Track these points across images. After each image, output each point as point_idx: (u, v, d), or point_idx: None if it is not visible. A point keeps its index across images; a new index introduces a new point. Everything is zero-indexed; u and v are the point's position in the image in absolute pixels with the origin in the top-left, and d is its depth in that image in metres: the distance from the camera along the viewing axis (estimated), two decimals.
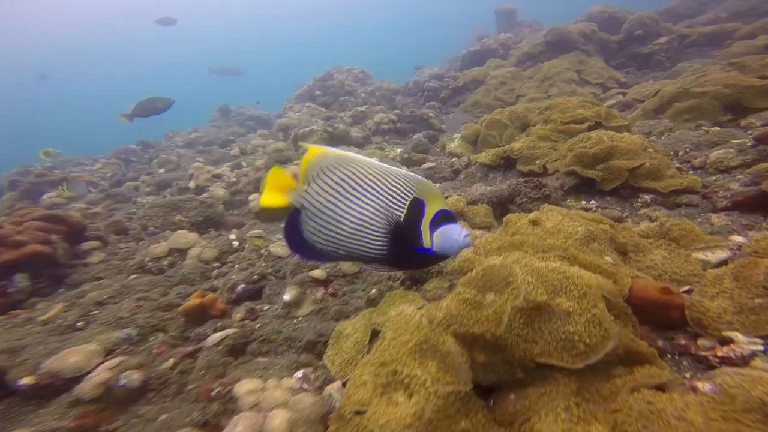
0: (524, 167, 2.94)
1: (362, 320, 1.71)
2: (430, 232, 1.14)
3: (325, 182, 1.16)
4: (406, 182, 1.14)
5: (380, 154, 5.02)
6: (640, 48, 6.93)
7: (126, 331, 2.26)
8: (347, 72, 11.01)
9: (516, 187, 2.46)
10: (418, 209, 1.13)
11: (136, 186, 6.62)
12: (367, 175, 1.14)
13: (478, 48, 10.53)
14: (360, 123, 7.64)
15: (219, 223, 4.00)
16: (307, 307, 2.36)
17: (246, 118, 11.76)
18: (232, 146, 8.74)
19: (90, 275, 3.08)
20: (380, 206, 1.12)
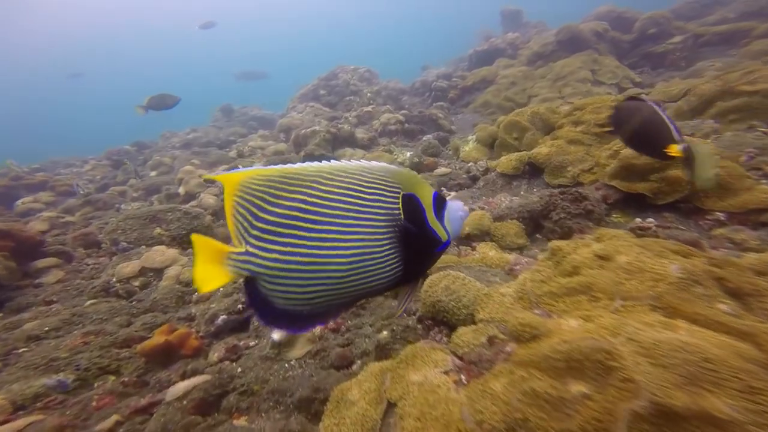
0: (554, 178, 2.50)
1: (372, 382, 1.27)
2: (440, 223, 0.99)
3: (271, 225, 0.86)
4: (384, 180, 0.93)
5: (388, 158, 4.59)
6: (654, 47, 6.55)
7: (58, 377, 1.79)
8: (353, 71, 10.68)
9: (550, 200, 2.03)
10: (414, 205, 0.95)
11: (123, 191, 6.19)
12: (332, 188, 0.88)
13: (486, 47, 10.20)
14: (366, 123, 7.26)
15: (207, 235, 3.55)
16: (302, 348, 1.91)
17: (249, 118, 11.39)
18: (231, 147, 8.32)
19: (39, 298, 2.63)
20: (376, 218, 0.90)
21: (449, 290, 1.47)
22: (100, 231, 3.62)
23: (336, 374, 1.62)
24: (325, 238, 0.87)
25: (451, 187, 3.52)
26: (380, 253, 0.90)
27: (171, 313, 2.45)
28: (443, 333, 1.46)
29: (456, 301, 1.39)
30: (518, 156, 2.82)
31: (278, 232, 0.86)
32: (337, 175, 0.90)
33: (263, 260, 0.87)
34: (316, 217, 0.87)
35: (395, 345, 1.52)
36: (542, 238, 2.03)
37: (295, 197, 0.87)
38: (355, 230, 0.88)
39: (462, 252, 2.03)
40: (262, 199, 0.87)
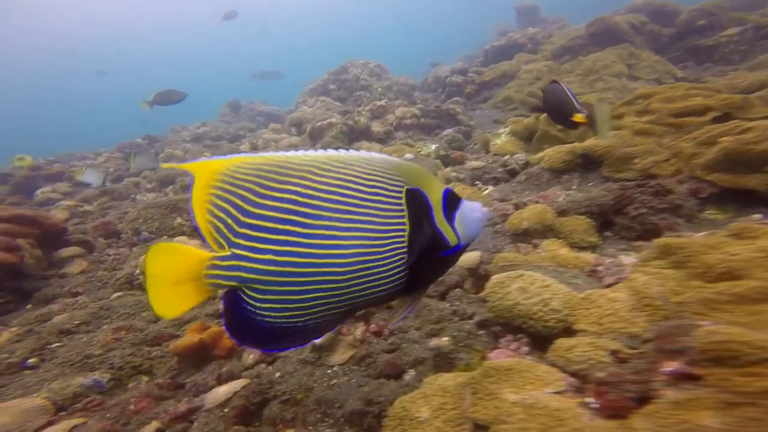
0: (616, 171, 2.29)
1: (445, 397, 1.10)
2: (450, 225, 0.87)
3: (264, 221, 0.75)
4: (386, 172, 0.82)
5: (409, 151, 4.40)
6: (702, 40, 6.20)
7: (94, 376, 1.66)
8: (362, 66, 10.66)
9: (624, 194, 1.83)
10: (420, 203, 0.84)
11: (137, 182, 6.10)
12: (328, 179, 0.78)
13: (504, 42, 9.96)
14: (380, 118, 7.07)
15: None
16: (344, 353, 1.74)
17: (256, 114, 11.47)
18: (241, 141, 8.37)
19: (65, 290, 2.50)
20: (377, 214, 0.79)
21: (527, 292, 1.28)
22: (119, 221, 3.49)
23: (390, 385, 1.44)
24: (322, 235, 0.75)
25: (486, 181, 3.33)
26: (382, 255, 0.79)
27: (197, 309, 2.30)
28: (522, 342, 1.27)
29: (542, 305, 1.21)
30: (569, 148, 2.61)
31: (272, 228, 0.74)
32: (333, 166, 0.79)
33: (255, 263, 0.74)
34: (312, 211, 0.76)
35: (459, 354, 1.34)
36: (613, 237, 1.83)
37: (287, 188, 0.75)
38: (354, 227, 0.77)
39: (521, 250, 1.85)
40: (250, 191, 0.74)
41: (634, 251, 1.62)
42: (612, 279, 1.32)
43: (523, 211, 1.99)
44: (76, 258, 2.77)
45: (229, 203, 0.74)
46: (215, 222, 0.75)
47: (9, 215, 2.54)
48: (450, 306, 1.80)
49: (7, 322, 2.23)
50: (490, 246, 2.02)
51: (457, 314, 1.72)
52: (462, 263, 1.90)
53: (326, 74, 10.54)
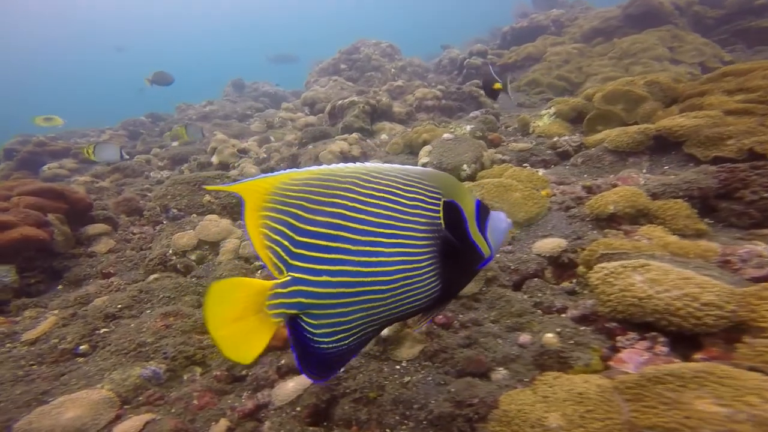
0: (705, 150, 2.08)
1: (586, 404, 0.92)
2: (483, 236, 0.87)
3: (318, 239, 0.73)
4: (423, 183, 0.81)
5: (442, 132, 4.16)
6: (756, 21, 5.83)
7: (151, 366, 1.50)
8: (374, 46, 10.31)
9: (735, 176, 1.63)
10: (456, 214, 0.83)
11: (147, 159, 5.87)
12: (371, 191, 0.76)
13: (526, 24, 9.56)
14: (397, 99, 6.81)
15: None
16: (412, 347, 1.58)
17: (260, 94, 11.22)
18: (250, 121, 8.14)
19: (96, 270, 2.32)
20: (416, 227, 0.78)
21: (660, 285, 1.10)
22: (141, 197, 3.28)
23: (481, 385, 1.27)
24: (368, 251, 0.74)
25: (534, 163, 3.13)
26: (420, 269, 0.78)
27: None
28: (655, 341, 1.09)
29: (688, 299, 1.03)
30: (640, 129, 2.40)
31: (325, 246, 0.73)
32: (374, 177, 0.78)
33: (312, 286, 0.72)
34: (359, 225, 0.74)
35: (573, 353, 1.17)
36: (717, 224, 1.64)
37: (335, 201, 0.74)
38: (396, 242, 0.76)
39: (611, 237, 1.66)
40: (302, 207, 0.73)
41: (761, 240, 1.43)
42: (758, 272, 1.14)
43: (607, 193, 1.79)
44: (102, 236, 2.58)
45: (283, 224, 0.72)
46: (272, 246, 0.72)
47: (37, 188, 2.33)
48: (529, 298, 1.63)
49: (41, 303, 2.06)
50: (568, 232, 1.84)
51: (541, 307, 1.55)
52: (541, 251, 1.72)
53: (337, 53, 10.27)
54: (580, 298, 1.51)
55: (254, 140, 5.59)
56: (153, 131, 8.72)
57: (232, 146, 4.88)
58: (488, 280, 1.70)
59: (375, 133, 5.35)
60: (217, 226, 2.59)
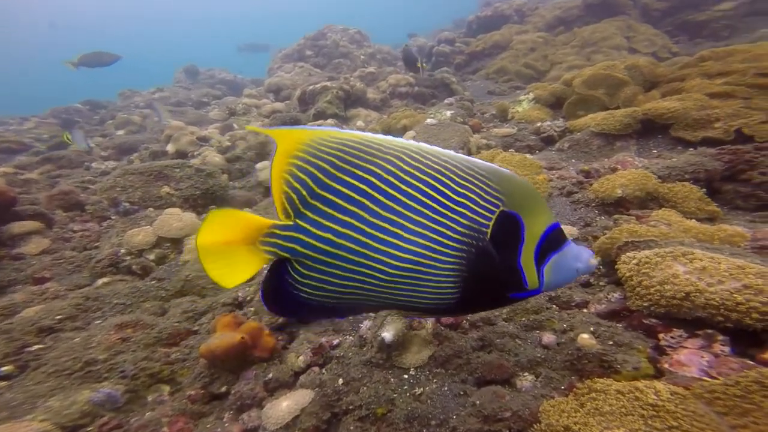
0: (693, 131, 2.08)
1: (668, 419, 0.80)
2: (537, 268, 0.76)
3: (337, 197, 0.70)
4: (486, 182, 0.72)
5: (422, 117, 3.99)
6: (695, 15, 6.21)
7: (105, 389, 1.20)
8: (342, 32, 10.04)
9: (739, 158, 1.61)
10: (512, 230, 0.73)
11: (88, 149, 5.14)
12: (415, 170, 0.71)
13: (490, 13, 9.68)
14: (370, 85, 6.57)
15: (223, 200, 2.85)
16: (419, 351, 1.41)
17: (217, 81, 10.70)
18: (208, 108, 7.57)
19: (24, 274, 1.89)
20: (452, 225, 0.71)
21: (712, 276, 1.01)
22: (82, 190, 2.78)
23: (514, 396, 1.12)
24: (385, 229, 0.71)
25: (519, 148, 3.06)
26: (438, 269, 0.73)
27: (210, 297, 1.83)
28: (713, 340, 0.98)
29: (751, 292, 0.93)
30: (627, 112, 2.38)
31: (342, 206, 0.71)
32: (423, 158, 0.73)
33: (312, 238, 0.71)
34: (385, 200, 0.71)
35: (617, 355, 1.05)
36: (723, 206, 1.61)
37: (370, 168, 0.71)
38: (421, 231, 0.71)
39: (620, 223, 1.58)
40: (331, 164, 0.71)
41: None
42: None
43: (613, 176, 1.72)
44: (33, 235, 2.12)
45: (308, 173, 0.70)
46: (289, 192, 0.71)
47: None
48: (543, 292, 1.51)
49: None
50: (575, 219, 1.75)
51: (558, 302, 1.44)
52: None
53: (302, 39, 9.99)
54: (597, 290, 1.41)
55: (215, 128, 5.08)
56: (92, 120, 7.83)
57: (190, 134, 4.37)
58: None
59: (350, 119, 5.08)
60: (180, 220, 2.24)
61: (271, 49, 11.36)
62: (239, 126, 5.28)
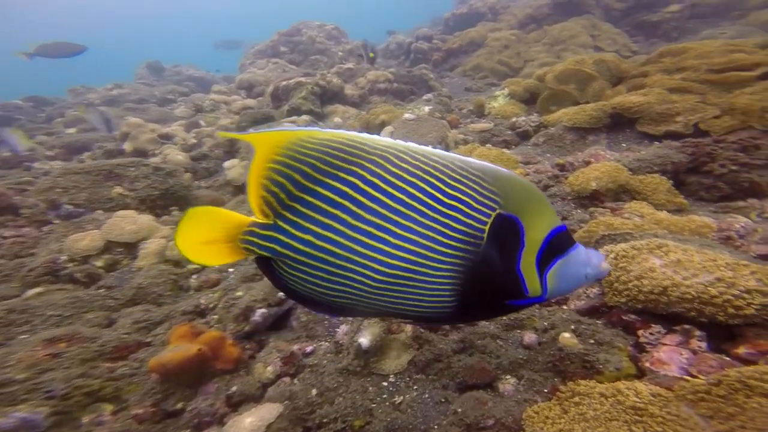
0: (656, 126, 2.13)
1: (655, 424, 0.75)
2: (540, 274, 0.70)
3: (317, 199, 0.67)
4: (479, 182, 0.67)
5: (401, 113, 3.91)
6: (649, 15, 6.52)
7: (19, 413, 1.03)
8: (318, 28, 9.88)
9: (703, 150, 1.64)
10: (511, 234, 0.68)
11: (31, 147, 4.69)
12: (401, 172, 0.67)
13: (466, 11, 9.82)
14: (348, 81, 6.45)
15: (186, 200, 2.65)
16: (398, 356, 1.33)
17: (185, 78, 10.25)
18: (174, 105, 7.20)
19: None
20: (445, 230, 0.67)
21: (687, 269, 0.99)
22: (17, 192, 2.49)
23: (496, 401, 1.07)
24: (370, 233, 0.66)
25: (496, 143, 3.05)
26: (431, 276, 0.68)
27: (168, 305, 1.67)
28: (690, 335, 0.96)
29: (723, 285, 0.92)
30: (597, 106, 2.41)
31: (322, 208, 0.67)
32: (411, 158, 0.68)
33: (292, 240, 0.68)
34: (370, 203, 0.66)
35: (598, 355, 1.01)
36: (688, 198, 1.64)
37: (353, 170, 0.67)
38: (409, 236, 0.67)
39: (595, 216, 1.57)
40: (312, 166, 0.67)
41: (740, 213, 1.44)
42: (765, 249, 1.09)
43: (587, 170, 1.71)
44: None
45: (287, 177, 0.67)
46: (266, 196, 0.68)
47: None
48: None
49: None
50: None
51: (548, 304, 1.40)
52: None
53: (276, 35, 9.74)
54: None
55: (180, 125, 4.78)
56: (36, 117, 7.22)
57: (150, 131, 4.08)
58: None
59: (326, 116, 4.93)
60: (134, 223, 2.04)
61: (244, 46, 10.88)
62: (207, 123, 5.00)
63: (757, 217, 1.46)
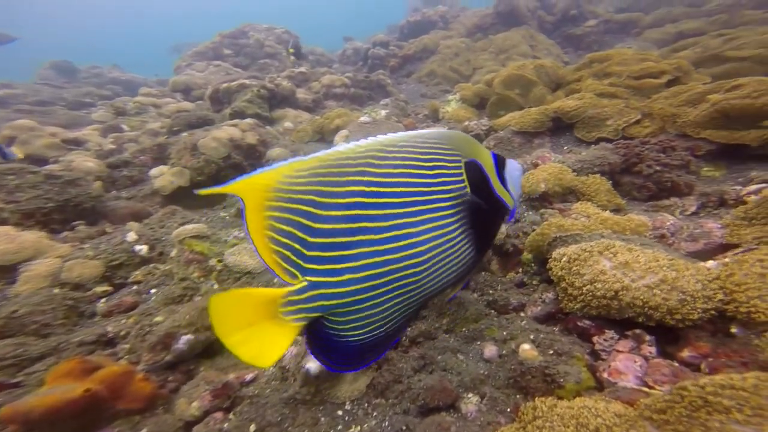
0: (589, 132, 2.23)
1: None
2: (505, 188, 0.87)
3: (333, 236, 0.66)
4: (442, 147, 0.77)
5: (357, 116, 3.78)
6: (574, 29, 7.15)
7: None
8: (267, 31, 9.54)
9: (633, 151, 1.71)
10: (478, 174, 0.81)
11: None
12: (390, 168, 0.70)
13: (419, 18, 10.08)
14: (301, 86, 6.21)
15: (95, 213, 2.27)
16: (356, 379, 1.19)
17: (107, 81, 9.25)
18: (91, 109, 6.50)
19: None
20: (443, 196, 0.74)
21: (634, 271, 0.97)
22: None
23: (460, 426, 0.96)
24: (396, 236, 0.68)
25: None
26: (454, 239, 0.75)
27: (58, 335, 1.36)
28: (640, 341, 0.93)
29: (666, 287, 0.90)
30: (540, 110, 2.48)
31: (344, 242, 0.65)
32: (390, 151, 0.72)
33: (334, 287, 0.66)
34: (381, 211, 0.68)
35: (558, 366, 0.95)
36: (623, 198, 1.69)
37: (350, 189, 0.66)
38: (425, 217, 0.71)
39: (547, 216, 1.56)
40: (312, 203, 0.65)
41: (666, 211, 1.50)
42: (692, 246, 1.11)
43: (536, 171, 1.71)
44: None
45: (292, 224, 0.65)
46: (281, 251, 0.65)
47: None
48: (481, 296, 1.40)
49: None
50: None
51: (496, 306, 1.34)
52: None
53: (217, 37, 9.21)
54: (532, 290, 1.35)
55: (94, 129, 4.20)
56: None
57: (49, 135, 3.51)
58: None
59: (276, 120, 4.65)
60: (11, 241, 1.67)
61: (184, 49, 10.06)
62: (131, 127, 4.46)
63: (680, 214, 1.54)
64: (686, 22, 6.11)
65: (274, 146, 3.25)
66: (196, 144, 2.95)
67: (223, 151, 2.92)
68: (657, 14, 7.18)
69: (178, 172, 2.82)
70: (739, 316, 0.84)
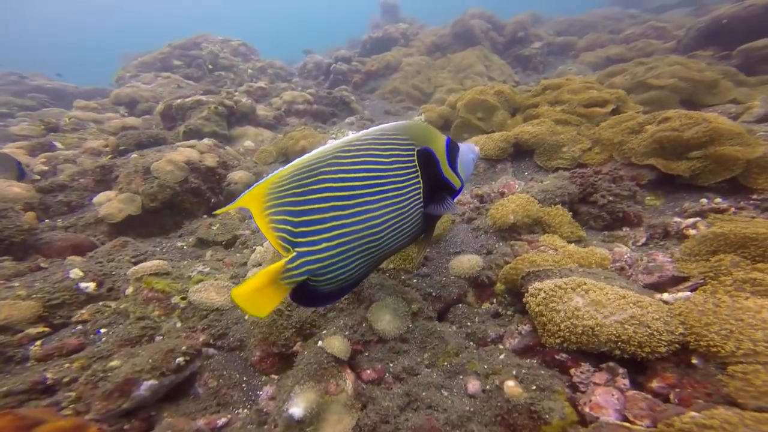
0: (549, 160, 2.40)
1: None
2: (454, 171, 1.11)
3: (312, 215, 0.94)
4: (398, 138, 1.01)
5: (323, 137, 3.73)
6: (522, 50, 7.74)
7: None
8: (222, 43, 9.19)
9: (586, 181, 1.86)
10: (429, 159, 1.05)
11: None
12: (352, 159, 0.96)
13: (381, 35, 10.27)
14: (261, 101, 6.03)
15: (26, 248, 2.00)
16: (341, 421, 1.14)
17: (29, 89, 8.32)
18: (10, 120, 5.78)
19: None
20: (397, 178, 0.99)
21: (605, 307, 1.05)
22: None
23: None
24: (359, 211, 0.94)
25: None
26: (405, 212, 1.00)
27: None
28: (614, 373, 1.00)
29: (635, 323, 0.98)
30: (502, 136, 2.62)
31: (320, 218, 0.93)
32: (353, 146, 0.96)
33: (316, 254, 0.93)
34: (347, 192, 0.94)
35: (543, 402, 0.99)
36: (582, 228, 1.81)
37: (321, 178, 0.93)
38: (382, 196, 0.96)
39: (517, 249, 1.64)
40: (294, 194, 0.92)
41: (621, 242, 1.64)
42: (648, 278, 1.23)
43: (505, 202, 1.79)
44: None
45: (282, 214, 0.93)
46: (279, 234, 0.93)
47: None
48: (459, 329, 1.43)
49: None
50: (477, 247, 1.75)
51: (474, 338, 1.37)
52: (460, 272, 1.56)
53: (166, 47, 8.72)
54: (507, 320, 1.40)
55: (18, 146, 3.72)
56: None
57: None
58: (414, 314, 1.42)
59: (235, 138, 4.45)
60: None
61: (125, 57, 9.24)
62: (66, 145, 4.02)
63: (633, 245, 1.64)
64: (611, 47, 6.90)
65: (236, 168, 3.10)
66: (149, 167, 2.72)
67: (179, 174, 2.73)
68: (588, 38, 8.08)
69: (128, 198, 2.58)
70: (700, 349, 0.95)
